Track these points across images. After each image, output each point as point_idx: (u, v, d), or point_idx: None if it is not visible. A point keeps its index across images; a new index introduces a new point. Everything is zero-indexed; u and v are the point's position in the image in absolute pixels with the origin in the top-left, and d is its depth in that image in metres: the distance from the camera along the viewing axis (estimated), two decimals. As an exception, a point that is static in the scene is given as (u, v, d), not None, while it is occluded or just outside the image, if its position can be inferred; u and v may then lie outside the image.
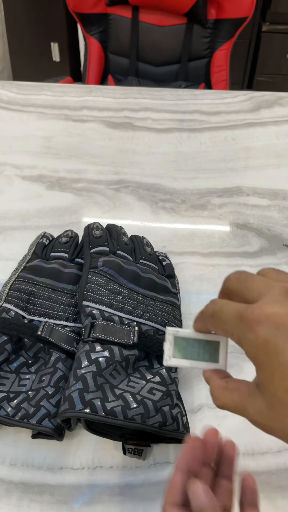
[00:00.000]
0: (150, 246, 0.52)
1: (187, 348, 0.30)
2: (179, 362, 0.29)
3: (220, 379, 0.27)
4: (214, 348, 0.29)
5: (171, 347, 0.30)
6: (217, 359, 0.29)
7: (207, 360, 0.29)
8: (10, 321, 0.42)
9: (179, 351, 0.30)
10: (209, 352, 0.29)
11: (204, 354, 0.29)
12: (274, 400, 0.22)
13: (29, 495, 0.36)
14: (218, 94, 0.90)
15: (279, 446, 0.39)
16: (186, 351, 0.30)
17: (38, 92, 0.89)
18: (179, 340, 0.30)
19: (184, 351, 0.30)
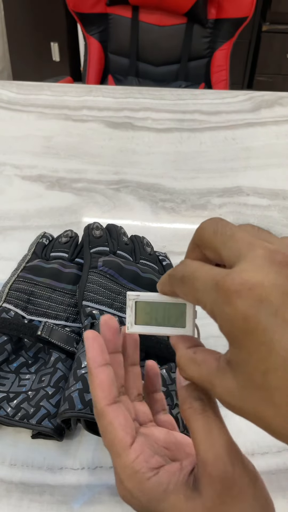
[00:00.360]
0: (150, 246, 0.52)
1: (151, 314, 0.27)
2: (142, 329, 0.27)
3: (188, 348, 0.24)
4: (180, 311, 0.27)
5: (132, 313, 0.27)
6: (183, 323, 0.26)
7: (173, 325, 0.27)
8: (10, 321, 0.42)
9: (141, 317, 0.27)
10: (174, 316, 0.27)
11: (169, 318, 0.27)
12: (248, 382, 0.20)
13: (29, 495, 0.36)
14: (218, 94, 0.90)
15: (279, 446, 0.39)
16: (149, 317, 0.27)
17: (38, 92, 0.89)
18: (141, 305, 0.27)
19: (147, 316, 0.27)
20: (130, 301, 0.28)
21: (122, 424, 0.25)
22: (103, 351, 0.26)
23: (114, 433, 0.25)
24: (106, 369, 0.26)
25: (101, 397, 0.25)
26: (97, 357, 0.26)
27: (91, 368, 0.26)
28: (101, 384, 0.26)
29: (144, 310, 0.27)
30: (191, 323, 0.26)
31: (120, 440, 0.24)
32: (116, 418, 0.25)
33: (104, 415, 0.25)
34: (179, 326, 0.26)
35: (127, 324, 0.27)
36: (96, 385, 0.26)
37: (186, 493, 0.23)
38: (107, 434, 0.25)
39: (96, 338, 0.26)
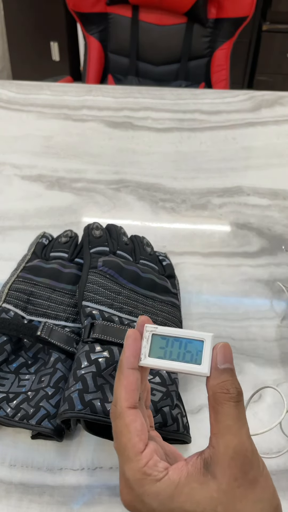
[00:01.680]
0: (150, 246, 0.52)
1: (166, 348, 0.27)
2: (155, 362, 0.27)
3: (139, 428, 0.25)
4: (197, 348, 0.26)
5: (147, 345, 0.27)
6: (199, 360, 0.26)
7: (188, 361, 0.26)
8: (10, 321, 0.42)
9: (156, 350, 0.27)
10: (190, 353, 0.26)
11: (184, 355, 0.26)
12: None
13: (29, 496, 0.36)
14: (218, 94, 0.90)
15: (279, 447, 0.39)
16: (164, 351, 0.27)
17: (37, 91, 0.89)
18: (157, 338, 0.27)
19: (162, 351, 0.27)
20: (147, 333, 0.27)
21: (138, 429, 0.25)
22: (138, 354, 0.27)
23: (129, 437, 0.25)
24: (136, 373, 0.27)
25: (125, 398, 0.26)
26: (132, 358, 0.26)
27: (123, 367, 0.26)
28: (128, 386, 0.26)
29: (160, 344, 0.27)
30: (207, 360, 0.26)
31: (133, 445, 0.25)
32: (133, 422, 0.25)
33: (123, 416, 0.25)
34: (194, 362, 0.26)
35: (141, 355, 0.27)
36: (123, 385, 0.26)
37: (199, 480, 0.24)
38: (122, 437, 0.25)
39: (136, 340, 0.27)
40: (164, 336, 0.27)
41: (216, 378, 0.25)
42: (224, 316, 0.50)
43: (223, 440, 0.24)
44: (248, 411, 0.41)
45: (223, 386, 0.25)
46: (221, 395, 0.25)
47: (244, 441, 0.24)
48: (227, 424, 0.24)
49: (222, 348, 0.26)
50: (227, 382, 0.25)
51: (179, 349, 0.27)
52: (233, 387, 0.25)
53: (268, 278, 0.54)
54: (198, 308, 0.50)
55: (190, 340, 0.27)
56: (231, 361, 0.26)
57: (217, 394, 0.25)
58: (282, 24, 1.92)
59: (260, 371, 0.45)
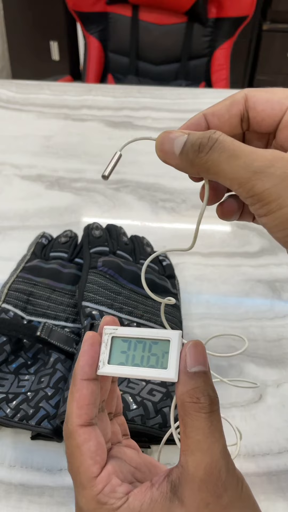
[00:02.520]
0: (150, 246, 0.52)
1: (128, 352, 0.23)
2: (116, 369, 0.23)
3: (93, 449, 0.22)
4: (163, 350, 0.23)
5: (106, 351, 0.23)
6: (165, 364, 0.22)
7: (153, 366, 0.23)
8: (9, 321, 0.42)
9: (117, 355, 0.23)
10: (156, 355, 0.23)
11: (149, 358, 0.23)
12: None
13: (28, 497, 0.36)
14: (218, 93, 0.90)
15: (279, 447, 0.39)
16: (126, 356, 0.23)
17: (37, 91, 0.89)
18: (118, 341, 0.24)
19: (123, 356, 0.23)
20: (106, 336, 0.24)
21: (92, 450, 0.22)
22: (95, 362, 0.23)
23: (81, 460, 0.22)
24: (92, 385, 0.23)
25: (76, 415, 0.22)
26: (86, 368, 0.23)
27: (76, 378, 0.23)
28: (81, 400, 0.22)
29: (121, 348, 0.24)
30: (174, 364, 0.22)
31: (86, 469, 0.22)
32: (86, 443, 0.22)
33: (74, 436, 0.22)
34: (160, 367, 0.22)
35: (99, 362, 0.23)
36: (75, 399, 0.23)
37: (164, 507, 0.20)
38: (73, 460, 0.22)
39: (94, 345, 0.23)
40: (125, 338, 0.24)
41: (184, 384, 0.21)
42: (224, 316, 0.49)
43: (192, 458, 0.20)
44: (247, 412, 0.41)
45: (193, 394, 0.21)
46: (190, 405, 0.21)
47: (217, 459, 0.20)
48: (197, 439, 0.20)
49: (192, 348, 0.22)
50: (198, 389, 0.21)
51: (142, 352, 0.23)
52: (205, 394, 0.21)
53: (269, 278, 0.54)
54: (198, 308, 0.50)
55: (155, 341, 0.23)
56: (205, 362, 0.22)
57: (186, 404, 0.21)
58: (282, 24, 1.92)
59: (260, 371, 0.44)
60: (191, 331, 0.48)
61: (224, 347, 0.47)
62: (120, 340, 0.24)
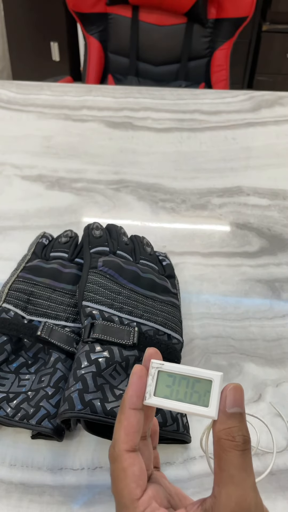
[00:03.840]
0: (150, 246, 0.52)
1: (172, 387, 0.25)
2: (161, 402, 0.25)
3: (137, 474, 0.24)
4: (205, 388, 0.25)
5: (153, 383, 0.26)
6: (207, 402, 0.24)
7: (195, 402, 0.25)
8: (10, 321, 0.42)
9: (162, 389, 0.25)
10: (198, 393, 0.25)
11: (192, 395, 0.25)
12: None
13: (29, 496, 0.36)
14: (218, 94, 0.90)
15: (279, 447, 0.39)
16: (171, 390, 0.25)
17: (37, 91, 0.89)
18: (163, 376, 0.26)
19: (168, 389, 0.25)
20: (153, 370, 0.26)
21: (136, 474, 0.24)
22: (142, 393, 0.25)
23: (126, 482, 0.24)
24: (138, 414, 0.25)
25: (124, 441, 0.25)
26: (134, 398, 0.25)
27: (125, 407, 0.25)
28: (129, 427, 0.25)
29: (166, 382, 0.26)
30: (215, 404, 0.24)
31: (130, 492, 0.24)
32: (131, 467, 0.24)
33: (120, 460, 0.24)
34: (202, 404, 0.25)
35: (146, 393, 0.26)
36: (123, 426, 0.25)
37: None
38: (118, 482, 0.24)
39: (142, 378, 0.25)
40: (171, 373, 0.26)
41: (222, 423, 0.24)
42: (224, 316, 0.50)
43: (225, 490, 0.23)
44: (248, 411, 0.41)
45: (229, 433, 0.23)
46: (226, 442, 0.23)
47: (247, 493, 0.23)
48: (231, 473, 0.23)
49: (232, 390, 0.24)
50: (234, 429, 0.23)
51: (186, 388, 0.25)
52: (240, 434, 0.23)
53: (268, 278, 0.54)
54: (198, 308, 0.50)
55: (198, 380, 0.25)
56: (242, 404, 0.24)
57: (222, 441, 0.23)
58: (282, 24, 1.92)
59: (260, 371, 0.45)
60: (191, 330, 0.48)
61: (224, 346, 0.47)
62: (166, 375, 0.26)
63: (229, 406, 0.24)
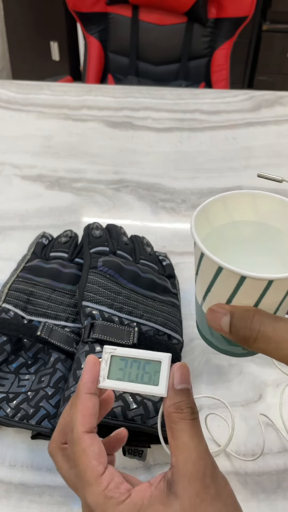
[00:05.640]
0: (150, 246, 0.52)
1: (124, 369, 0.27)
2: (114, 384, 0.27)
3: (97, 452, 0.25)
4: (155, 369, 0.27)
5: (106, 367, 0.28)
6: (157, 381, 0.27)
7: (146, 382, 0.27)
8: (10, 321, 0.42)
9: (115, 372, 0.27)
10: (148, 373, 0.27)
11: (143, 376, 0.27)
12: None
13: (29, 496, 0.36)
14: (218, 93, 0.90)
15: (279, 447, 0.39)
16: (123, 372, 0.27)
17: (37, 91, 0.89)
18: (116, 360, 0.28)
19: (120, 372, 0.27)
20: (106, 354, 0.28)
21: (96, 452, 0.25)
22: (96, 379, 0.27)
23: (87, 461, 0.25)
24: (94, 398, 0.27)
25: (81, 423, 0.26)
26: (89, 384, 0.27)
27: (80, 392, 0.26)
28: (85, 410, 0.26)
29: (118, 365, 0.28)
30: (164, 381, 0.26)
31: (92, 469, 0.24)
32: (90, 446, 0.25)
33: (80, 442, 0.25)
34: (152, 383, 0.27)
35: (100, 377, 0.27)
36: (79, 409, 0.26)
37: (162, 501, 0.23)
38: (80, 462, 0.25)
39: (96, 365, 0.27)
40: (123, 357, 0.28)
41: (171, 398, 0.26)
42: (224, 316, 0.49)
43: (181, 456, 0.24)
44: (246, 411, 0.41)
45: (178, 407, 0.25)
46: (175, 415, 0.25)
47: (202, 456, 0.24)
48: (184, 441, 0.24)
49: (179, 369, 0.26)
50: (182, 403, 0.25)
51: (137, 370, 0.27)
52: (187, 406, 0.25)
53: (268, 278, 0.54)
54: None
55: (148, 361, 0.27)
56: (188, 381, 0.26)
57: (172, 414, 0.25)
58: (282, 24, 1.92)
59: (260, 371, 0.45)
60: (191, 331, 0.48)
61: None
62: (118, 359, 0.28)
63: (177, 383, 0.26)
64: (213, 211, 0.30)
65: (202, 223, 0.28)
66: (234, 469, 0.38)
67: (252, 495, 0.36)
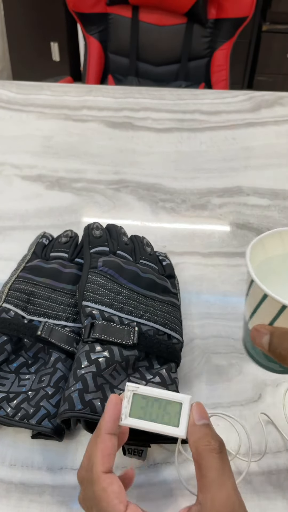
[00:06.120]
0: (150, 246, 0.52)
1: (146, 408, 0.28)
2: (135, 422, 0.28)
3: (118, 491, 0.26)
4: (175, 410, 0.28)
5: (128, 405, 0.29)
6: (177, 423, 0.28)
7: (166, 423, 0.28)
8: (10, 321, 0.42)
9: (136, 410, 0.28)
10: (169, 414, 0.28)
11: (163, 416, 0.28)
12: None
13: (29, 496, 0.36)
14: (218, 94, 0.90)
15: (279, 446, 0.39)
16: (144, 412, 0.28)
17: (37, 91, 0.89)
18: (138, 398, 0.29)
19: (142, 411, 0.28)
20: (128, 392, 0.29)
21: (116, 492, 0.26)
22: (117, 419, 0.28)
23: (108, 500, 0.25)
24: (114, 439, 0.27)
25: (101, 463, 0.26)
26: (110, 424, 0.27)
27: (101, 432, 0.27)
28: (105, 450, 0.27)
29: (140, 404, 0.29)
30: (184, 424, 0.28)
31: (113, 508, 0.25)
32: (110, 486, 0.26)
33: (99, 481, 0.26)
34: (172, 424, 0.28)
35: (122, 415, 0.28)
36: (100, 449, 0.27)
37: None
38: (101, 501, 0.26)
39: (117, 405, 0.28)
40: (144, 396, 0.29)
41: (196, 433, 0.27)
42: (224, 316, 0.50)
43: (209, 494, 0.24)
44: (246, 411, 0.41)
45: (205, 439, 0.26)
46: (204, 448, 0.25)
47: (230, 494, 0.24)
48: (212, 478, 0.25)
49: (196, 407, 0.28)
50: (208, 435, 0.26)
51: (158, 409, 0.28)
52: (215, 439, 0.26)
53: (268, 278, 0.54)
54: (198, 308, 0.50)
55: (169, 402, 0.28)
56: (207, 417, 0.28)
57: (200, 448, 0.26)
58: (282, 25, 1.93)
59: (260, 371, 0.45)
60: (191, 330, 0.48)
61: (224, 346, 0.47)
62: (140, 397, 0.29)
63: (197, 420, 0.27)
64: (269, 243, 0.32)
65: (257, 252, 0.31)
66: (234, 468, 0.38)
67: (252, 495, 0.36)
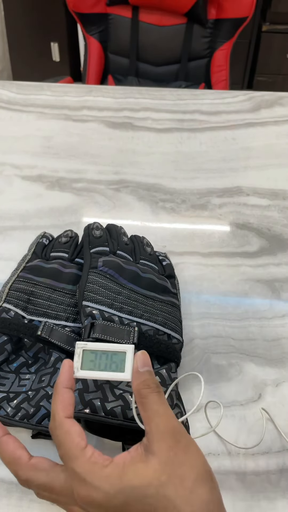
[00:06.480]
0: (150, 246, 0.52)
1: (95, 361, 0.32)
2: (87, 373, 0.32)
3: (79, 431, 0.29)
4: (120, 358, 0.32)
5: (79, 360, 0.32)
6: (123, 368, 0.31)
7: (114, 370, 0.32)
8: (10, 321, 0.42)
9: (87, 363, 0.32)
10: (115, 363, 0.32)
11: (111, 365, 0.32)
12: None
13: (29, 495, 0.36)
14: (218, 94, 0.90)
15: (279, 446, 0.39)
16: (94, 363, 0.32)
17: (38, 92, 0.89)
18: (87, 353, 0.32)
19: (92, 363, 0.32)
20: (78, 349, 0.32)
21: (78, 431, 0.29)
22: (72, 378, 0.31)
23: (71, 439, 0.28)
24: (70, 392, 0.31)
25: (62, 410, 0.29)
26: (66, 381, 0.31)
27: (58, 387, 0.30)
28: (64, 401, 0.30)
29: (90, 358, 0.32)
30: (129, 369, 0.31)
31: (76, 444, 0.28)
32: (72, 427, 0.29)
33: (62, 425, 0.29)
34: (119, 371, 0.31)
35: (74, 369, 0.32)
36: (59, 401, 0.30)
37: (142, 460, 0.27)
38: (65, 442, 0.28)
39: (70, 367, 0.32)
40: (93, 350, 0.32)
41: (138, 378, 0.30)
42: (224, 316, 0.50)
43: (153, 423, 0.28)
44: (246, 411, 0.41)
45: (144, 383, 0.30)
46: (144, 390, 0.29)
47: (171, 419, 0.28)
48: (154, 409, 0.29)
49: (140, 355, 0.32)
50: (147, 380, 0.30)
51: (106, 360, 0.32)
52: (152, 382, 0.30)
53: (268, 278, 0.54)
54: (198, 308, 0.50)
55: (115, 352, 0.32)
56: (149, 364, 0.31)
57: (141, 390, 0.30)
58: (282, 25, 1.93)
59: (260, 371, 0.45)
60: (191, 330, 0.48)
61: (224, 346, 0.47)
62: (89, 352, 0.32)
63: (140, 367, 0.31)
64: None
65: None
66: (234, 468, 0.38)
67: (251, 494, 0.36)
